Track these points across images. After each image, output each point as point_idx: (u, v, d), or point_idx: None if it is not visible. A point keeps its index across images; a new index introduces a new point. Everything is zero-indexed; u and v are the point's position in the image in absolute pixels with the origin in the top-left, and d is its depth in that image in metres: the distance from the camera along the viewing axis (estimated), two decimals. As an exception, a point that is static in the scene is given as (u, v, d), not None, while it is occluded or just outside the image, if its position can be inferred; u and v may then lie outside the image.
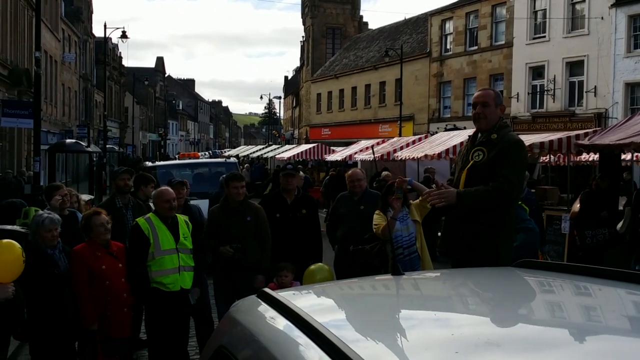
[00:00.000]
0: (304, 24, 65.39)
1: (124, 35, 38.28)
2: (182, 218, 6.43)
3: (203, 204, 8.94)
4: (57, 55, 36.70)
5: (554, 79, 29.52)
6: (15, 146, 26.78)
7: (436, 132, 25.84)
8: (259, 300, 2.59)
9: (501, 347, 1.86)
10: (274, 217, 7.19)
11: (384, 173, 14.31)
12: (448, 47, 38.23)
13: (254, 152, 47.32)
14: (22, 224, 7.86)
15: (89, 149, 27.47)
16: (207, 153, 65.02)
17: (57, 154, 26.37)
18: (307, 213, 7.53)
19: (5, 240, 4.71)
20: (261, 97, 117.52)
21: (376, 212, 6.77)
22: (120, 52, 64.50)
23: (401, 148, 22.52)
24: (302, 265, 6.69)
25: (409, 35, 45.46)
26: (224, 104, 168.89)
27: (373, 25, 69.28)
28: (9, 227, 8.27)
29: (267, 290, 2.60)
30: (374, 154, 16.44)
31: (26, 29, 28.37)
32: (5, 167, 23.96)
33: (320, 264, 6.45)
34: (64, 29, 39.54)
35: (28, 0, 27.97)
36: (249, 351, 2.29)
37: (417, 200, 6.80)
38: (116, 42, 55.75)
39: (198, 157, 22.50)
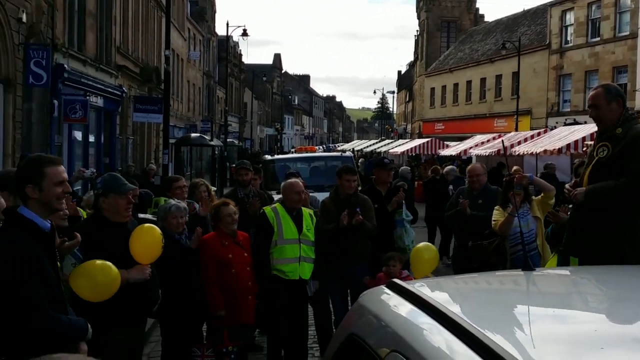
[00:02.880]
0: (418, 17, 64.67)
1: (244, 33, 39.54)
2: (307, 211, 6.64)
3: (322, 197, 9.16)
4: (183, 54, 38.55)
5: (685, 70, 27.58)
6: (145, 140, 28.44)
7: (555, 127, 24.89)
8: (388, 290, 2.73)
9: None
10: None
11: (515, 168, 13.95)
12: (568, 38, 36.60)
13: (367, 147, 47.58)
14: (152, 213, 8.42)
15: (212, 143, 28.76)
16: (321, 147, 65.89)
17: (182, 147, 27.75)
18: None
19: (147, 224, 4.95)
20: (374, 92, 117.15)
21: (496, 207, 6.74)
22: (240, 50, 66.62)
23: (518, 143, 21.93)
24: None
25: (527, 27, 43.92)
26: (337, 99, 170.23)
27: (489, 17, 67.40)
28: (142, 215, 8.91)
29: (396, 280, 2.74)
30: (504, 146, 15.83)
31: (156, 29, 30.03)
32: (136, 160, 25.55)
33: (427, 243, 6.50)
34: (190, 28, 41.43)
35: (158, 2, 29.57)
36: (380, 337, 2.43)
37: (539, 197, 6.69)
38: (237, 40, 57.76)
39: (315, 151, 23.02)
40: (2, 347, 3.39)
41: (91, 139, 20.49)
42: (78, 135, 19.36)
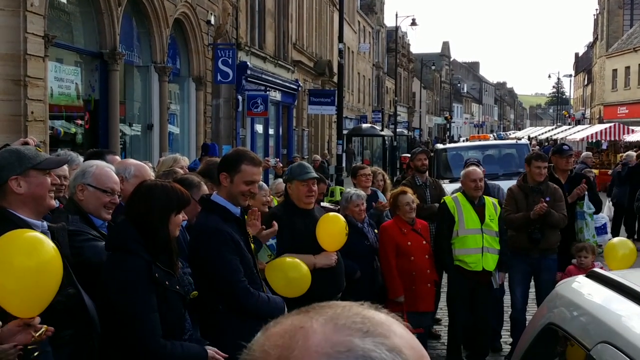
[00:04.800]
0: (598, -5, 60.54)
1: (413, 23, 39.51)
2: (490, 200, 6.51)
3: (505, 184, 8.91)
4: (354, 46, 39.31)
5: None
6: (319, 131, 29.46)
7: None
8: (589, 279, 2.70)
9: None
10: None
11: None
12: None
13: (542, 134, 45.57)
14: (329, 201, 8.74)
15: (382, 133, 29.17)
16: (491, 135, 64.15)
17: (353, 138, 28.37)
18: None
19: (332, 214, 5.12)
20: (549, 76, 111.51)
21: None
22: (408, 40, 66.49)
23: None
24: None
25: None
26: (508, 85, 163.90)
27: (683, -11, 60.96)
28: (322, 204, 9.28)
29: (598, 270, 2.71)
30: None
31: (328, 24, 30.93)
32: (311, 150, 26.58)
33: (623, 238, 6.14)
34: (360, 21, 42.12)
35: (330, -2, 30.47)
36: (585, 327, 2.41)
37: None
38: (405, 30, 57.75)
39: (488, 139, 22.52)
40: (207, 321, 3.72)
41: (270, 131, 21.66)
42: (259, 128, 20.56)
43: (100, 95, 11.30)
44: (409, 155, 13.85)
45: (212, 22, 15.42)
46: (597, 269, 2.74)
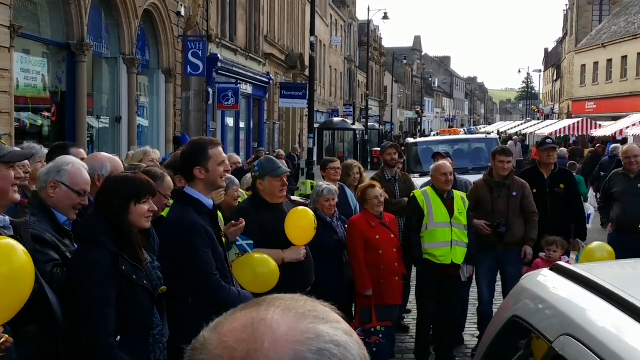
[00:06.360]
0: (568, -9, 61.30)
1: (385, 17, 39.67)
2: (458, 194, 6.55)
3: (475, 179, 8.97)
4: (326, 40, 39.27)
5: None
6: (290, 124, 29.40)
7: None
8: (553, 273, 2.74)
9: None
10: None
11: None
12: None
13: (511, 128, 46.14)
14: (299, 195, 8.71)
15: (353, 127, 29.24)
16: (462, 130, 64.78)
17: (325, 131, 28.38)
18: (565, 188, 7.22)
19: (301, 208, 5.13)
20: (519, 71, 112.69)
21: None
22: (380, 33, 66.67)
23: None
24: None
25: (694, -4, 40.18)
26: (479, 80, 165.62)
27: (649, -13, 62.20)
28: (293, 197, 9.26)
29: (562, 264, 2.75)
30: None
31: (300, 17, 30.84)
32: (282, 144, 26.53)
33: (601, 242, 6.22)
34: (332, 14, 42.07)
35: (302, -10, 30.38)
36: (548, 320, 2.45)
37: None
38: (377, 24, 57.84)
39: (458, 134, 22.72)
40: (177, 311, 3.69)
41: (241, 124, 21.56)
42: (230, 121, 20.43)
43: (67, 87, 11.12)
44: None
45: (182, 13, 15.27)
46: (561, 263, 2.78)
